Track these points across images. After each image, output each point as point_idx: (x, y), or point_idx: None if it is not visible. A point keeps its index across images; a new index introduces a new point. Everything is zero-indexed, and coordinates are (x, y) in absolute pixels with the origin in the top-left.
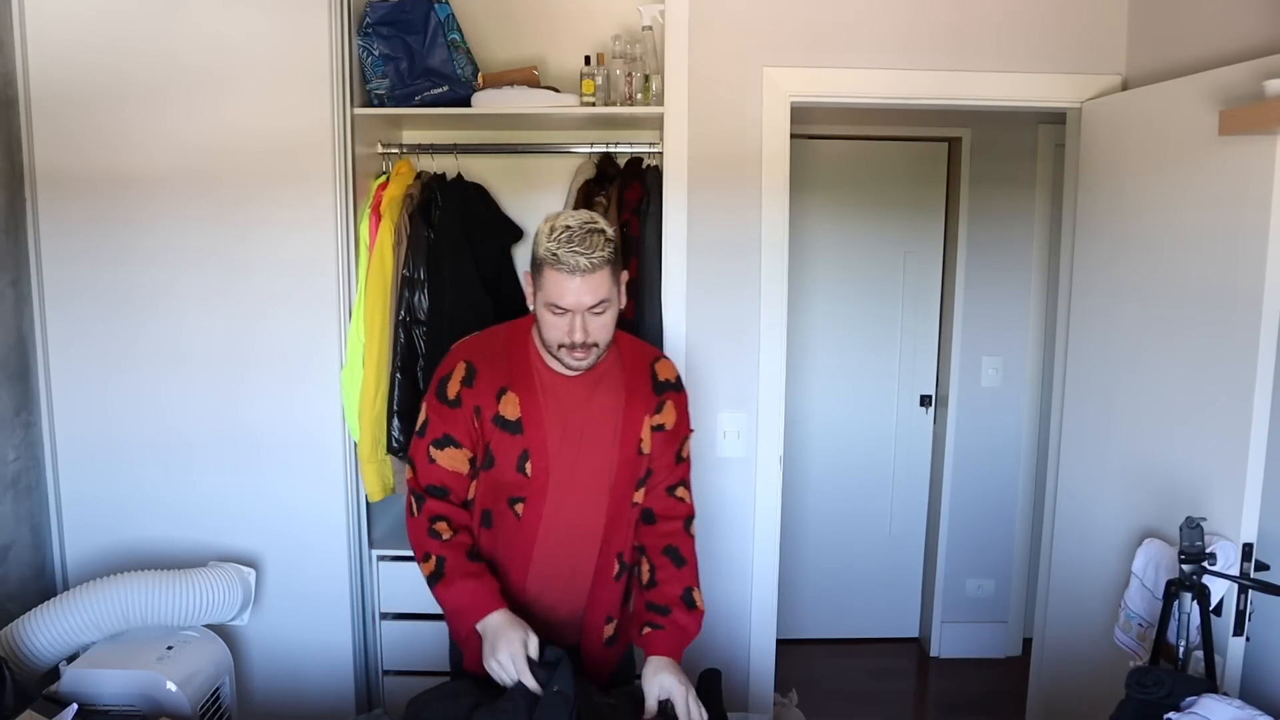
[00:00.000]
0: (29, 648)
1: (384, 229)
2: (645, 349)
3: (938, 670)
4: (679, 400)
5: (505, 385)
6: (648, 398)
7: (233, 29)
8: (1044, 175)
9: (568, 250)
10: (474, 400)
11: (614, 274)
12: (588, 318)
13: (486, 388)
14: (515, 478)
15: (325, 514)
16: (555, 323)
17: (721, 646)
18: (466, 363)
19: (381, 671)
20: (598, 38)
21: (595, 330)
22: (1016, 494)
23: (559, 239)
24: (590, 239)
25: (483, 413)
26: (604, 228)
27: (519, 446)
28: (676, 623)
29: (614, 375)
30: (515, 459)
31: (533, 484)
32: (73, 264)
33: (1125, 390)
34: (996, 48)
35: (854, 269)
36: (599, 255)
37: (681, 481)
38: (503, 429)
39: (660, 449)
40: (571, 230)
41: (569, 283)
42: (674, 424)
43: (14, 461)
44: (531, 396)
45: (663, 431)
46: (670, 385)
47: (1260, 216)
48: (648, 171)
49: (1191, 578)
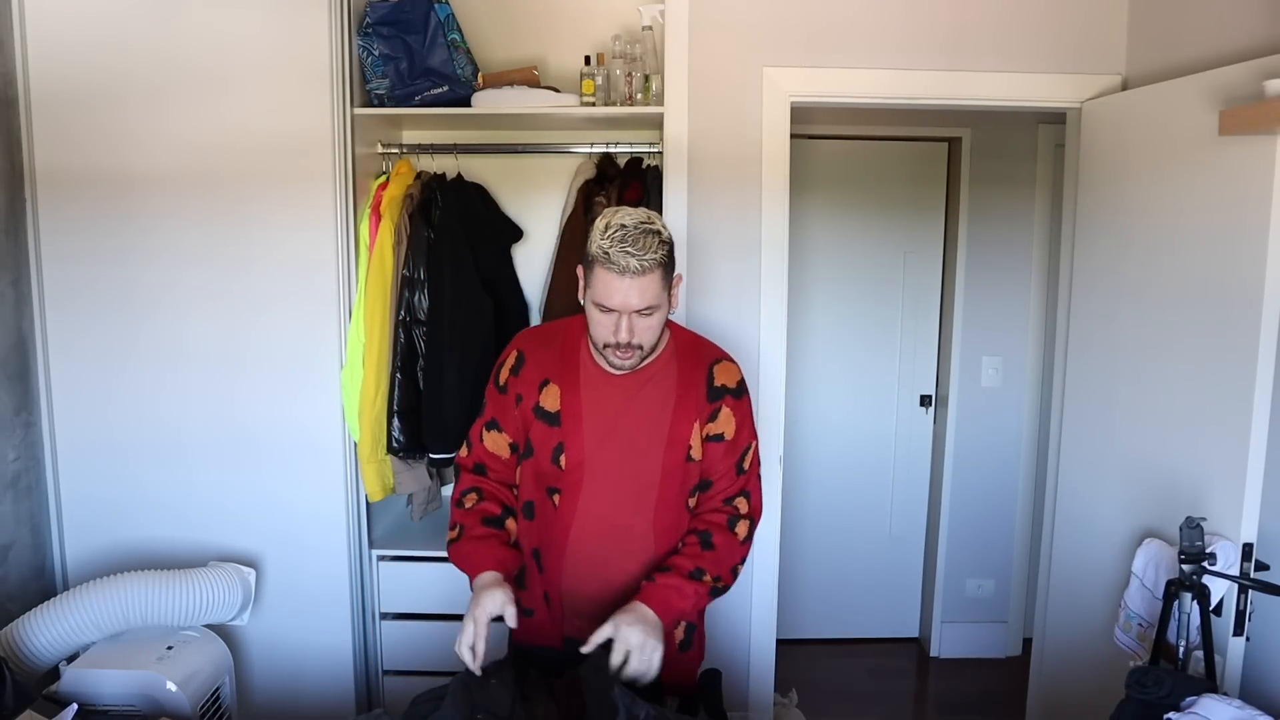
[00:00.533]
0: (29, 648)
1: (384, 229)
2: (707, 350)
3: (938, 670)
4: (738, 407)
5: (549, 377)
6: (700, 403)
7: (233, 29)
8: (1044, 175)
9: (619, 250)
10: (517, 388)
11: (665, 277)
12: (634, 319)
13: (531, 377)
14: (551, 469)
15: (325, 514)
16: (602, 320)
17: (721, 646)
18: (519, 351)
19: (381, 671)
20: (598, 38)
21: (641, 332)
22: (1016, 494)
23: (612, 237)
24: (644, 240)
25: (524, 401)
26: (660, 228)
27: (556, 438)
28: (674, 582)
29: (665, 377)
30: (551, 450)
31: (567, 476)
32: (73, 264)
33: (1125, 390)
34: (996, 48)
35: (854, 269)
36: (650, 258)
37: (742, 492)
38: (541, 419)
39: (718, 458)
40: (626, 229)
41: (618, 283)
42: (734, 433)
43: (14, 461)
44: (573, 390)
45: (721, 441)
46: (728, 391)
47: (1260, 216)
48: (647, 171)
49: (1191, 578)
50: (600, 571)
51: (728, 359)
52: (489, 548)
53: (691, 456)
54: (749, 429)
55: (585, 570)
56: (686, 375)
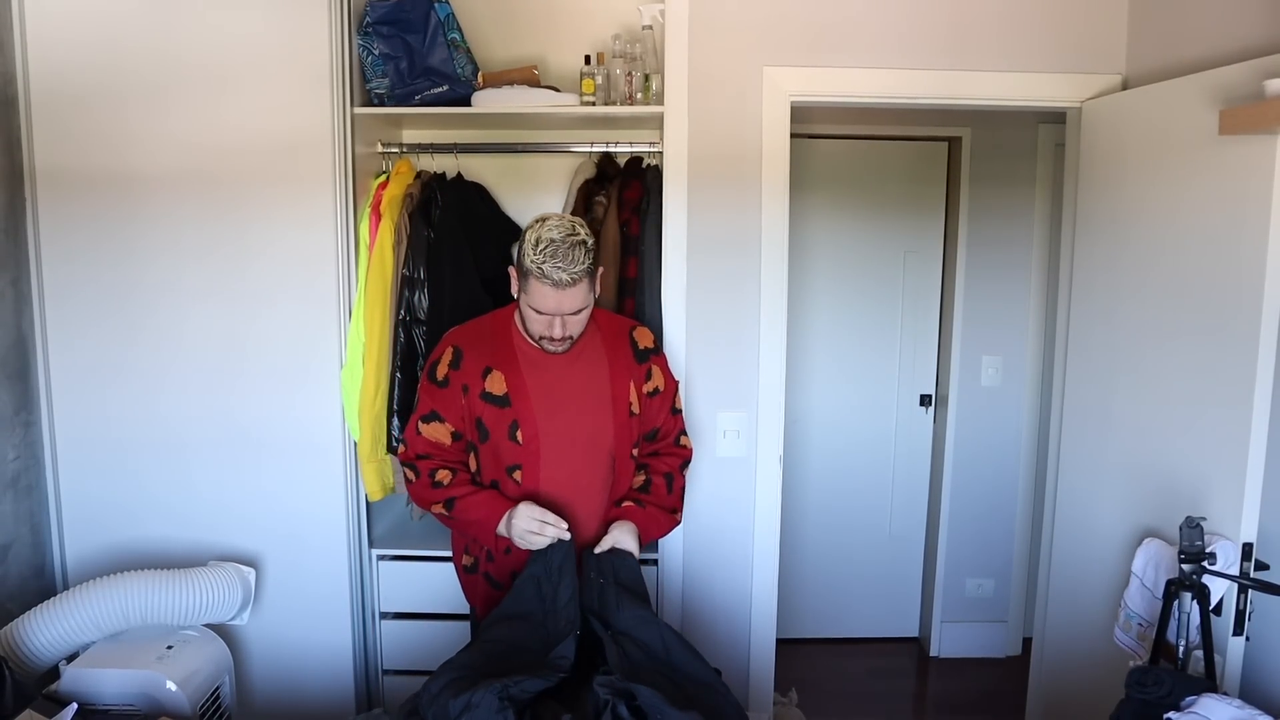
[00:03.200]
0: (29, 647)
1: (384, 228)
2: (621, 321)
3: (937, 670)
4: (661, 361)
5: (490, 365)
6: (630, 365)
7: (233, 28)
8: (1044, 175)
9: (551, 265)
10: (461, 380)
11: (591, 281)
12: (566, 318)
13: (472, 368)
14: (510, 446)
15: (325, 513)
16: (538, 319)
17: (721, 646)
18: (454, 348)
19: (381, 671)
20: (598, 37)
21: (573, 326)
22: (1016, 494)
23: (544, 253)
24: (572, 253)
25: (470, 390)
26: (585, 238)
27: (509, 418)
28: (653, 512)
29: (594, 346)
30: (506, 429)
31: (525, 449)
32: (73, 263)
33: (1125, 389)
34: (996, 47)
35: (854, 269)
36: (579, 269)
37: (681, 430)
38: (490, 403)
39: (658, 408)
40: (555, 244)
41: (551, 293)
42: (665, 383)
43: (14, 461)
44: (515, 372)
45: (657, 395)
46: (652, 351)
47: (1260, 216)
48: (648, 171)
49: (1191, 577)
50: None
51: (639, 324)
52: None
53: (633, 411)
54: (671, 376)
55: None
56: (611, 342)
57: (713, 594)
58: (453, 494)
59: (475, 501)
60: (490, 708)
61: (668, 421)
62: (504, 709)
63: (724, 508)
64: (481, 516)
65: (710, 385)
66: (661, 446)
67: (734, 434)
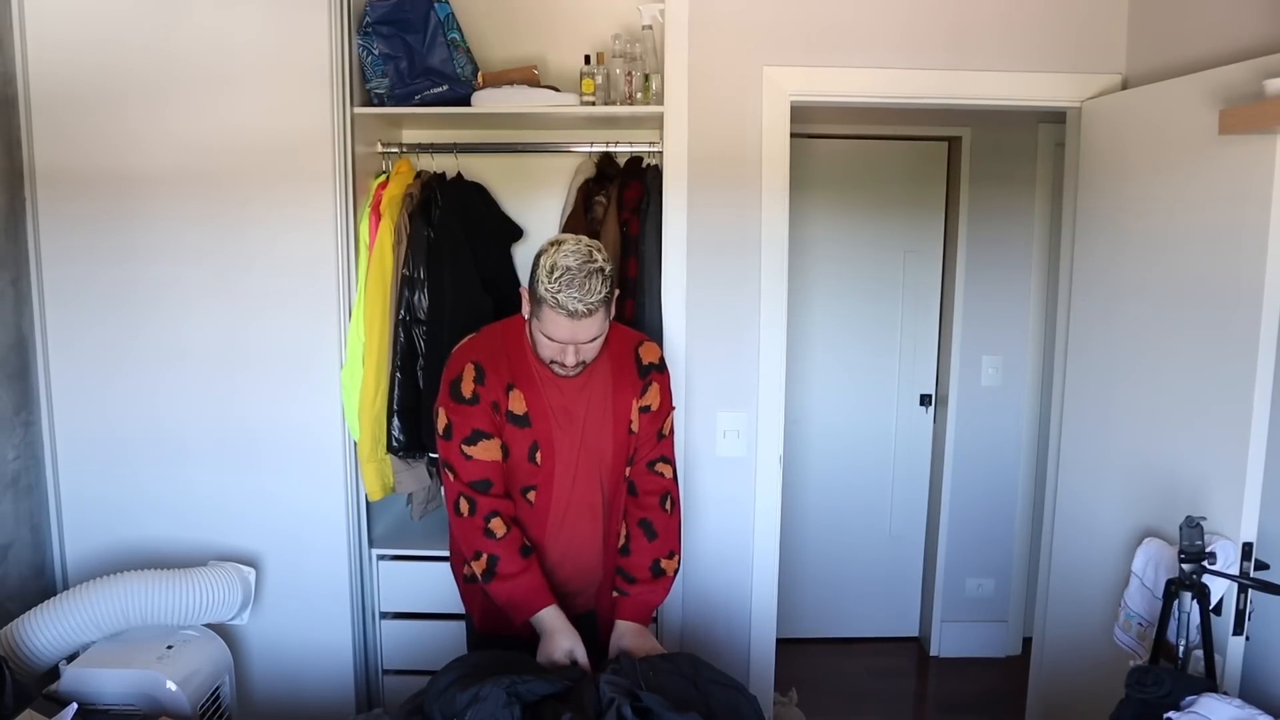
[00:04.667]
0: (29, 647)
1: (384, 228)
2: (629, 334)
3: (937, 670)
4: (662, 380)
5: (511, 382)
6: (634, 381)
7: (233, 28)
8: (1044, 175)
9: (567, 295)
10: (490, 396)
11: (608, 309)
12: (581, 346)
13: (496, 384)
14: (527, 467)
15: (325, 513)
16: (550, 345)
17: (721, 646)
18: (474, 363)
19: (381, 671)
20: (598, 37)
21: (586, 353)
22: (1016, 493)
23: (559, 281)
24: (589, 282)
25: (500, 407)
26: (602, 264)
27: (529, 439)
28: (642, 593)
29: (602, 363)
30: (526, 450)
31: (541, 472)
32: (73, 263)
33: (1125, 389)
34: (996, 47)
35: (854, 269)
36: (595, 299)
37: (662, 457)
38: (513, 423)
39: (645, 427)
40: (572, 272)
41: (566, 323)
42: (659, 404)
43: (14, 461)
44: (534, 392)
45: (648, 412)
46: (654, 367)
47: (1260, 216)
48: (648, 171)
49: (1191, 577)
50: (569, 551)
51: (647, 339)
52: (539, 581)
53: (632, 429)
54: (669, 399)
55: (558, 555)
56: (618, 357)
57: (713, 594)
58: (495, 559)
59: (517, 586)
60: (498, 701)
61: (648, 442)
62: (511, 703)
63: (724, 508)
64: (518, 602)
65: (710, 385)
66: (634, 472)
67: (734, 434)
